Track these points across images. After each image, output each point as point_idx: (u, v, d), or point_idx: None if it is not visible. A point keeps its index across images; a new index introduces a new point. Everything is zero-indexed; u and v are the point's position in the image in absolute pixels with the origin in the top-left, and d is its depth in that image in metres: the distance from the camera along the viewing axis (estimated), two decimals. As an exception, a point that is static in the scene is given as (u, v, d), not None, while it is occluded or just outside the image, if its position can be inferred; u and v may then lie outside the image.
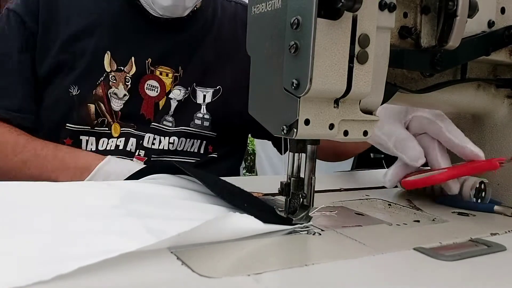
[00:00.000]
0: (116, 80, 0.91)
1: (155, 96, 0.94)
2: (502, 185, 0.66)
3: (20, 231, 0.42)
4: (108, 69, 0.91)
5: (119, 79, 0.92)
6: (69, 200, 0.53)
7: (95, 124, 0.91)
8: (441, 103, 0.64)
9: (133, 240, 0.39)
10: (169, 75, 0.95)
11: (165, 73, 0.95)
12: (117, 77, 0.92)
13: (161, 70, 0.95)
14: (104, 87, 0.91)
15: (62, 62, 0.90)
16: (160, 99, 0.95)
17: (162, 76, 0.95)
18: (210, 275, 0.35)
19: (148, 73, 0.94)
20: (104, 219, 0.46)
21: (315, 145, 0.49)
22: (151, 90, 0.94)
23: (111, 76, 0.91)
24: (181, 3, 0.88)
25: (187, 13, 0.93)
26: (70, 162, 0.81)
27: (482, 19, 0.58)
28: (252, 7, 0.48)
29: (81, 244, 0.40)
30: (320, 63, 0.41)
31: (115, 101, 0.91)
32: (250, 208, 0.49)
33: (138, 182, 0.64)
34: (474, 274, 0.40)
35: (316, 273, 0.37)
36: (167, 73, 0.95)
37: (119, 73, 0.92)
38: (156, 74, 0.94)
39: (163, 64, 0.95)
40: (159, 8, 0.89)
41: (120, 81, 0.92)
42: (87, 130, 0.91)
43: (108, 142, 0.92)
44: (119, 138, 0.92)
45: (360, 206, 0.63)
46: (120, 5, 0.94)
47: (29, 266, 0.35)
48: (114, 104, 0.91)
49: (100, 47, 0.91)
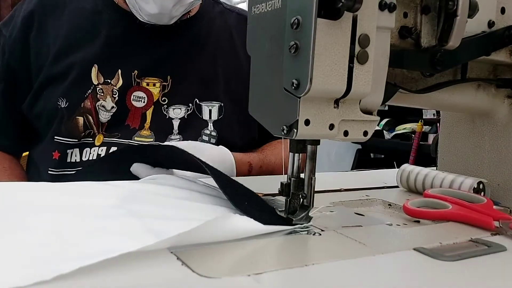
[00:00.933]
0: (104, 93, 0.91)
1: (141, 106, 0.94)
2: (502, 186, 0.66)
3: (20, 231, 0.42)
4: (95, 82, 0.91)
5: (106, 91, 0.92)
6: (69, 200, 0.53)
7: (82, 136, 0.90)
8: (441, 103, 0.64)
9: (133, 240, 0.39)
10: (157, 85, 0.94)
11: (152, 83, 0.94)
12: (105, 90, 0.92)
13: (148, 81, 0.94)
14: (92, 100, 0.91)
15: (51, 76, 0.91)
16: (147, 109, 0.94)
17: (149, 86, 0.94)
18: (210, 275, 0.35)
19: (134, 85, 0.93)
20: (104, 219, 0.46)
21: (315, 145, 0.49)
22: (137, 101, 0.93)
23: (98, 89, 0.91)
24: (167, 11, 0.88)
25: (174, 21, 0.93)
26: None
27: (482, 19, 0.58)
28: (252, 7, 0.48)
29: (82, 244, 0.40)
30: (320, 63, 0.41)
31: (103, 113, 0.91)
32: (250, 208, 0.49)
33: (138, 182, 0.64)
34: (474, 274, 0.40)
35: (316, 273, 0.37)
36: (154, 83, 0.94)
37: (106, 86, 0.92)
38: (143, 86, 0.94)
39: (150, 75, 0.94)
40: (146, 15, 0.90)
41: (107, 94, 0.92)
42: (73, 143, 0.90)
43: (90, 151, 0.91)
44: (101, 147, 0.91)
45: (360, 206, 0.63)
46: (108, 17, 0.94)
47: (29, 266, 0.35)
48: (102, 116, 0.91)
49: (86, 60, 0.91)
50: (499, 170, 0.67)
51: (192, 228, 0.39)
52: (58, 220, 0.45)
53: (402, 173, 0.74)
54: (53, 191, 0.56)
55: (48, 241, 0.40)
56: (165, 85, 0.95)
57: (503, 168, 0.66)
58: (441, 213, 0.55)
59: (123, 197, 0.54)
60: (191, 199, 0.56)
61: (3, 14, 3.47)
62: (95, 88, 0.91)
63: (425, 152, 2.60)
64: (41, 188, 0.57)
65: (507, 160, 0.66)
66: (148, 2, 0.87)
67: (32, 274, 0.32)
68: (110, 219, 0.47)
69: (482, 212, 0.54)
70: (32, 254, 0.37)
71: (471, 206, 0.55)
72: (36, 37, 0.92)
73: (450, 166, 0.73)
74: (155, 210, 0.50)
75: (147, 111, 0.94)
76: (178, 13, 0.91)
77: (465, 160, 0.71)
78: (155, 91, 0.94)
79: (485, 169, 0.68)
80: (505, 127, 0.67)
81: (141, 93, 0.93)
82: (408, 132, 3.06)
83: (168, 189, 0.59)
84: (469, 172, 0.70)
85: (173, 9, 0.88)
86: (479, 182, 0.64)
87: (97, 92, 0.91)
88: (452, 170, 0.71)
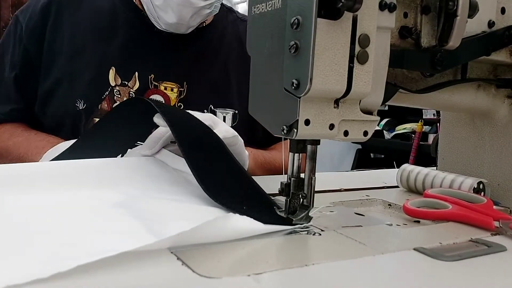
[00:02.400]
0: (121, 95, 0.92)
1: None
2: (502, 186, 0.66)
3: (19, 229, 0.42)
4: (112, 84, 0.92)
5: (123, 93, 0.92)
6: (69, 199, 0.53)
7: None
8: (441, 103, 0.64)
9: (133, 239, 0.39)
10: (174, 90, 0.96)
11: (170, 87, 0.95)
12: (122, 92, 0.92)
13: (165, 85, 0.95)
14: (109, 101, 0.91)
15: (66, 74, 0.91)
16: None
17: (167, 91, 0.95)
18: (210, 275, 0.35)
19: (151, 88, 0.94)
20: (103, 219, 0.46)
21: (315, 145, 0.49)
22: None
23: (115, 90, 0.92)
24: (185, 22, 0.90)
25: (191, 30, 0.94)
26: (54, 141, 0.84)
27: (482, 19, 0.58)
28: (252, 7, 0.48)
29: (80, 243, 0.40)
30: (320, 63, 0.41)
31: None
32: (249, 211, 0.49)
33: (138, 182, 0.63)
34: (474, 274, 0.40)
35: (316, 273, 0.37)
36: (172, 88, 0.95)
37: (123, 88, 0.93)
38: (161, 89, 0.95)
39: (166, 80, 0.95)
40: (164, 24, 0.91)
41: (124, 96, 0.92)
42: None
43: None
44: None
45: (360, 206, 0.63)
46: (125, 20, 0.95)
47: (27, 264, 0.35)
48: None
49: (104, 61, 0.92)
50: (499, 170, 0.67)
51: (192, 228, 0.39)
52: (57, 218, 0.45)
53: (402, 173, 0.74)
54: (53, 191, 0.56)
55: (47, 240, 0.40)
56: (182, 90, 0.96)
57: (503, 168, 0.66)
58: (441, 213, 0.55)
59: (124, 197, 0.54)
60: (190, 202, 0.55)
61: (3, 14, 3.47)
62: (112, 90, 0.92)
63: (425, 152, 2.60)
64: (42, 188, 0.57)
65: (507, 160, 0.66)
66: (166, 11, 0.88)
67: (30, 272, 0.32)
68: (110, 219, 0.46)
69: (482, 212, 0.54)
70: (31, 252, 0.37)
71: (471, 206, 0.55)
72: (52, 29, 0.93)
73: (450, 166, 0.73)
74: (155, 210, 0.50)
75: None
76: (195, 23, 0.92)
77: (465, 160, 0.71)
78: (172, 96, 0.95)
79: (485, 169, 0.68)
80: (505, 127, 0.67)
81: (159, 96, 0.94)
82: (408, 132, 3.06)
83: (168, 189, 0.59)
84: (469, 172, 0.70)
85: (191, 19, 0.90)
86: (479, 182, 0.64)
87: (114, 94, 0.92)
88: (452, 170, 0.71)
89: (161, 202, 0.54)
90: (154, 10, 0.89)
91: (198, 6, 0.87)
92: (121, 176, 0.59)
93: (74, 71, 0.91)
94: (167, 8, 0.87)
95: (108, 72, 0.92)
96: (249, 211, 0.49)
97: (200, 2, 0.87)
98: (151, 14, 0.91)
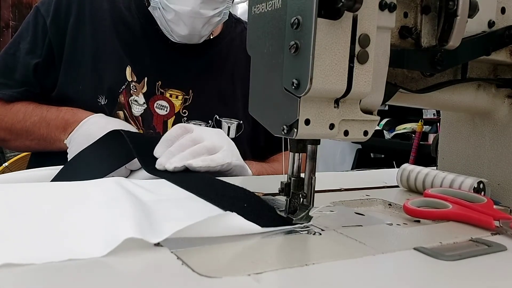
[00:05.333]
0: (137, 90, 0.96)
1: (164, 114, 0.98)
2: (502, 185, 0.66)
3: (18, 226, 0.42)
4: (129, 79, 0.95)
5: (139, 89, 0.96)
6: (68, 198, 0.53)
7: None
8: (441, 103, 0.64)
9: (128, 235, 0.39)
10: (179, 97, 0.98)
11: (175, 95, 0.98)
12: (138, 87, 0.96)
13: (171, 93, 0.98)
14: (125, 95, 0.95)
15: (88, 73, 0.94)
16: (169, 118, 0.98)
17: (172, 98, 0.98)
18: (210, 275, 0.35)
19: (158, 94, 0.97)
20: (101, 216, 0.46)
21: (315, 145, 0.49)
22: (160, 109, 0.97)
23: (132, 85, 0.95)
24: (197, 32, 0.92)
25: (203, 40, 0.97)
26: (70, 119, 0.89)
27: (482, 19, 0.58)
28: (252, 7, 0.48)
29: (77, 238, 0.40)
30: (320, 63, 0.41)
31: (136, 107, 0.95)
32: (249, 214, 0.49)
33: (138, 181, 0.64)
34: (474, 274, 0.40)
35: (316, 273, 0.37)
36: (177, 95, 0.98)
37: (138, 84, 0.96)
38: (166, 96, 0.98)
39: (173, 87, 0.98)
40: (177, 36, 0.94)
41: (140, 91, 0.96)
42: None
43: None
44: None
45: (360, 205, 0.63)
46: (140, 27, 0.99)
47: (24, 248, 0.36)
48: (135, 110, 0.95)
49: (122, 60, 0.96)
50: (499, 169, 0.67)
51: (191, 224, 0.40)
52: (56, 215, 0.46)
53: (402, 172, 0.74)
54: (53, 191, 0.56)
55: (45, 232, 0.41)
56: (187, 98, 0.99)
57: (503, 168, 0.66)
58: (441, 212, 0.55)
59: (123, 195, 0.54)
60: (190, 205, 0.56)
61: (3, 14, 3.47)
62: (128, 84, 0.95)
63: (425, 152, 2.60)
64: (42, 187, 0.57)
65: (507, 160, 0.66)
66: (178, 24, 0.91)
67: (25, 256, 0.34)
68: (107, 216, 0.46)
69: (482, 212, 0.54)
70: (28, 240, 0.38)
71: (471, 205, 0.55)
72: (75, 25, 0.96)
73: (450, 166, 0.73)
74: (152, 208, 0.50)
75: (169, 119, 0.98)
76: (207, 32, 0.95)
77: (465, 159, 0.71)
78: (177, 103, 0.98)
79: (485, 169, 0.68)
80: (505, 127, 0.67)
81: (164, 102, 0.98)
82: (408, 132, 3.06)
83: (168, 190, 0.59)
84: (469, 171, 0.70)
85: (203, 29, 0.93)
86: (479, 181, 0.64)
87: (131, 88, 0.95)
88: (452, 169, 0.71)
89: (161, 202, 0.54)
90: (166, 24, 0.93)
91: (208, 16, 0.90)
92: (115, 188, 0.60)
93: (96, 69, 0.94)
94: (179, 21, 0.90)
95: (125, 68, 0.96)
96: (250, 208, 0.49)
97: (209, 12, 0.90)
98: (164, 28, 0.95)
